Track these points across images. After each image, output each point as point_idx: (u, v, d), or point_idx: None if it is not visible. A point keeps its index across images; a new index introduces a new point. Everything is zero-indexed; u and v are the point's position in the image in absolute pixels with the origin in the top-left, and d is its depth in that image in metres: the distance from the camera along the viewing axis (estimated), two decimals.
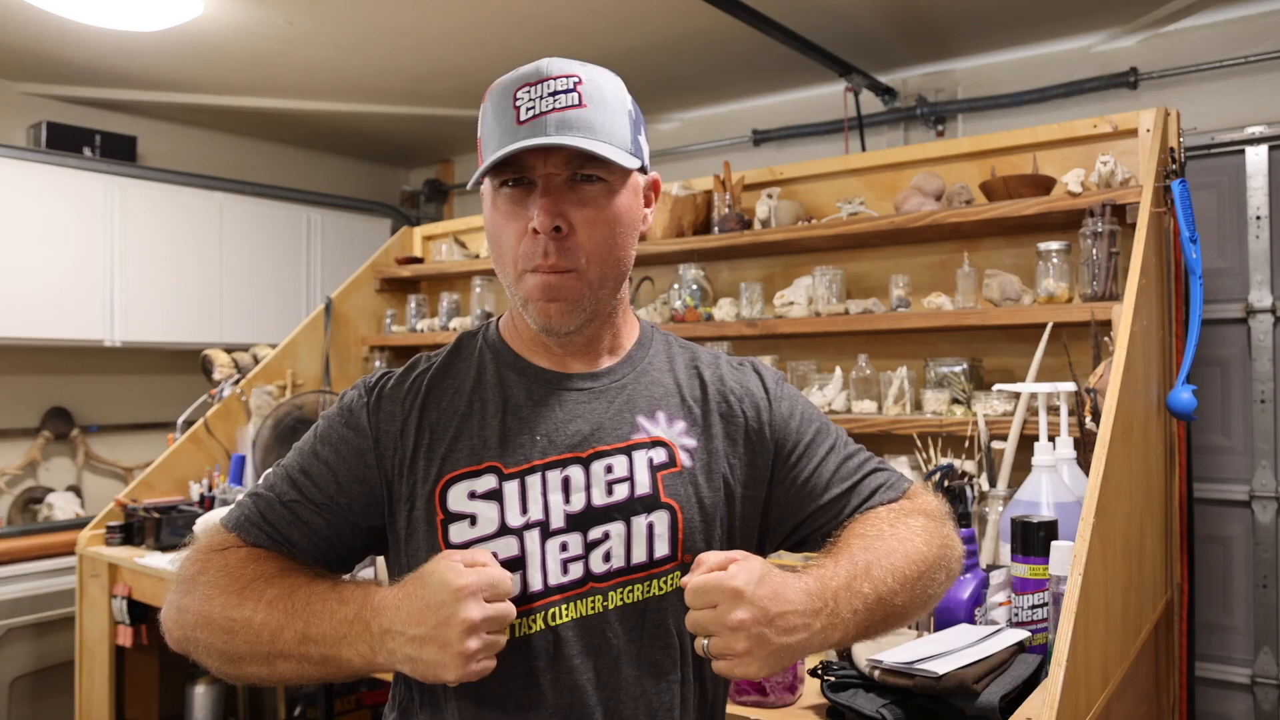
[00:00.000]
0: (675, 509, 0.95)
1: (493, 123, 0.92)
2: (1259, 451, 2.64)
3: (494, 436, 0.95)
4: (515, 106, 0.90)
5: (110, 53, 3.22)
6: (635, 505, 0.94)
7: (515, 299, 0.96)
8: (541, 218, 0.89)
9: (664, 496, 0.95)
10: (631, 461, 0.95)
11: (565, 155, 0.90)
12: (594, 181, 0.91)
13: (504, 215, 0.93)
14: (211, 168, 4.09)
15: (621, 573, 0.93)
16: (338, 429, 0.98)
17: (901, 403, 2.13)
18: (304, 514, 0.96)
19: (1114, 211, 1.86)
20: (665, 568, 0.94)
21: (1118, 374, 1.45)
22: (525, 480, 0.93)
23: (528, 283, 0.92)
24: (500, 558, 0.89)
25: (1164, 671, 1.88)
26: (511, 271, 0.94)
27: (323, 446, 0.98)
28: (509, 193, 0.92)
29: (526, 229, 0.91)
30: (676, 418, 0.99)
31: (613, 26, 3.00)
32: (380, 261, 3.38)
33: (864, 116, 3.42)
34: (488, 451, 0.94)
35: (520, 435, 0.95)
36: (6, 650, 2.94)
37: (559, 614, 0.91)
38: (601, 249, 0.92)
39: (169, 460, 2.79)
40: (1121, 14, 2.89)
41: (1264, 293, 2.64)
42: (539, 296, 0.92)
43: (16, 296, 3.25)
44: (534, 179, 0.91)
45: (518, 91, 0.90)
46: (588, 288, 0.93)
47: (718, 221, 2.45)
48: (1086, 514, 1.26)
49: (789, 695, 1.29)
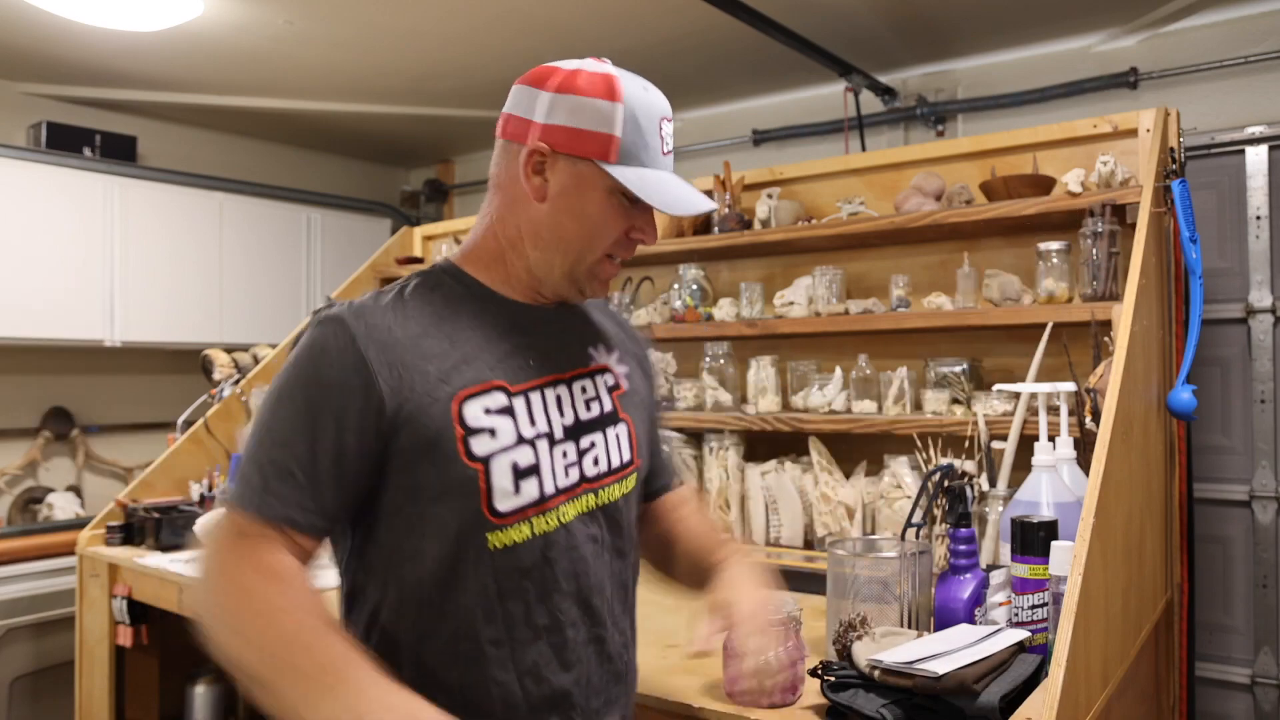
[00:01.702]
0: (629, 423, 1.16)
1: (644, 139, 1.05)
2: (1259, 451, 2.64)
3: (493, 359, 1.06)
4: (661, 137, 1.06)
5: (110, 53, 3.22)
6: (605, 420, 1.13)
7: (574, 271, 1.09)
8: (651, 235, 1.10)
9: (621, 413, 1.16)
10: (595, 384, 1.15)
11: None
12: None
13: (613, 213, 1.07)
14: (211, 168, 4.09)
15: (603, 475, 1.11)
16: (327, 370, 0.99)
17: (901, 403, 2.13)
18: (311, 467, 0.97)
19: (1114, 211, 1.86)
20: (628, 470, 1.15)
21: (1118, 374, 1.45)
22: (529, 397, 1.06)
23: (606, 269, 1.10)
24: (520, 465, 1.03)
25: (1164, 671, 1.88)
26: (593, 255, 1.08)
27: (317, 391, 0.98)
28: (622, 202, 1.06)
29: (629, 230, 1.08)
30: (612, 349, 1.20)
31: (613, 26, 3.00)
32: (380, 261, 3.38)
33: (864, 116, 3.42)
34: (491, 372, 1.04)
35: (515, 359, 1.07)
36: (6, 650, 2.94)
37: (566, 512, 1.06)
38: None
39: (169, 460, 2.79)
40: (1121, 14, 2.89)
41: (1264, 293, 2.64)
42: (609, 279, 1.12)
43: (16, 296, 3.25)
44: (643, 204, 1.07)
45: (663, 123, 1.07)
46: None
47: (718, 221, 2.45)
48: (1086, 514, 1.26)
49: (789, 695, 1.29)
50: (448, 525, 1.00)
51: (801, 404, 2.26)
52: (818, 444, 2.20)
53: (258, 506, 0.96)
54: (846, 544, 1.49)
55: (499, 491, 1.00)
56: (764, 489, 2.21)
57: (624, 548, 1.14)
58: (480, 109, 3.92)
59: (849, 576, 1.42)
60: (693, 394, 2.41)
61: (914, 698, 1.19)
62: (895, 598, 1.39)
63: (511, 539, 1.01)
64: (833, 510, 2.11)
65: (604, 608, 1.09)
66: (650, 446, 1.24)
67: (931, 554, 1.47)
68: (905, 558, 1.41)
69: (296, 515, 0.96)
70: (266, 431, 0.99)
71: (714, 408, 2.37)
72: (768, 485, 2.21)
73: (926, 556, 1.44)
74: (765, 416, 2.25)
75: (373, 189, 4.90)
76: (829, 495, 2.12)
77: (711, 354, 2.41)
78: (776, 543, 2.18)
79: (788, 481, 2.18)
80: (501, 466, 1.01)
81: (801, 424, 2.19)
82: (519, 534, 1.02)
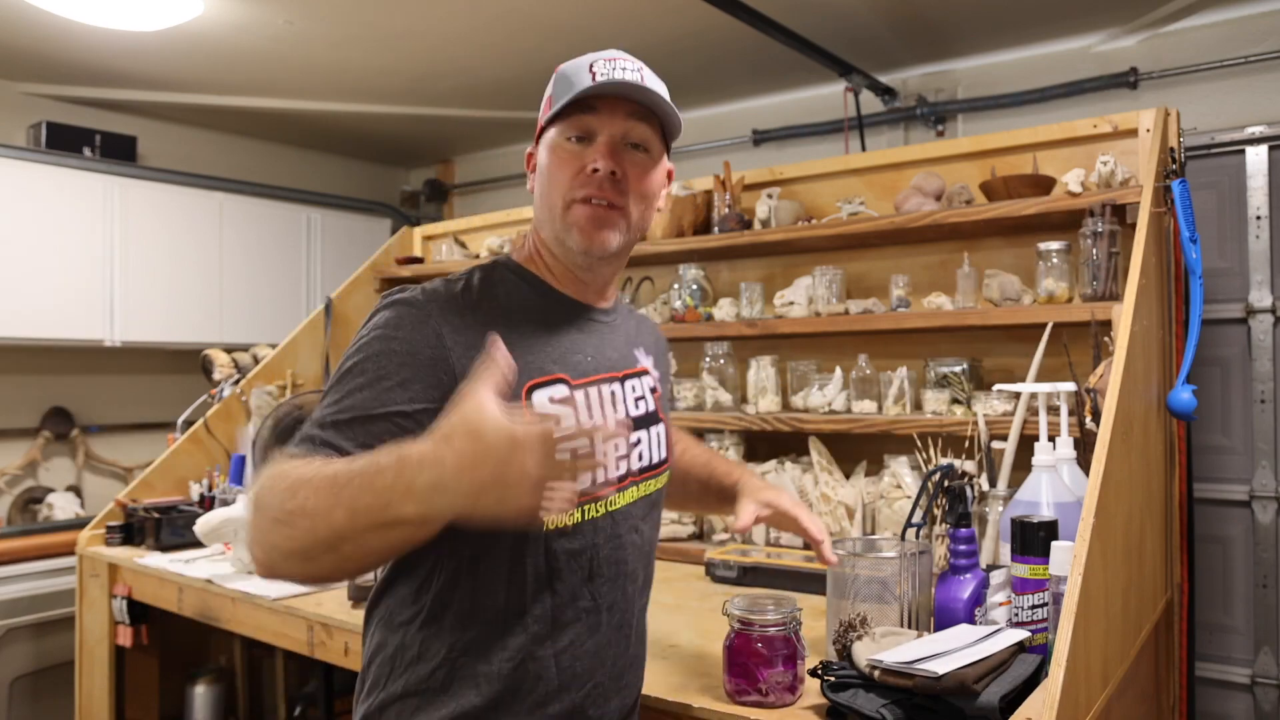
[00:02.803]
0: (664, 423, 1.24)
1: (569, 82, 1.07)
2: (1259, 451, 2.64)
3: (556, 351, 1.09)
4: (592, 72, 1.06)
5: (110, 53, 3.22)
6: (649, 419, 1.20)
7: (557, 228, 1.10)
8: (604, 160, 1.07)
9: (660, 414, 1.23)
10: (641, 384, 1.21)
11: (628, 113, 1.08)
12: (640, 150, 1.11)
13: (564, 157, 1.09)
14: (211, 168, 4.09)
15: (646, 470, 1.18)
16: (400, 341, 0.98)
17: (901, 403, 2.13)
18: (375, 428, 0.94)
19: (1114, 211, 1.86)
20: (663, 468, 1.23)
21: (1118, 374, 1.45)
22: (588, 391, 1.11)
23: (576, 212, 1.08)
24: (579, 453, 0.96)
25: (1164, 671, 1.88)
26: (560, 203, 1.09)
27: (388, 360, 0.97)
28: (572, 145, 1.09)
29: (583, 169, 1.08)
30: (648, 353, 1.26)
31: (613, 26, 3.00)
32: (380, 261, 3.38)
33: (864, 116, 3.42)
34: (553, 365, 1.08)
35: (575, 354, 1.11)
36: (6, 650, 2.94)
37: (615, 500, 1.12)
38: (640, 198, 1.12)
39: (169, 460, 2.79)
40: (1121, 14, 2.89)
41: (1264, 293, 2.64)
42: (587, 223, 1.08)
43: (16, 296, 3.25)
44: (597, 133, 1.08)
45: (594, 64, 1.07)
46: (626, 224, 1.11)
47: (718, 221, 2.45)
48: (1086, 514, 1.26)
49: (789, 695, 1.29)
50: None
51: (801, 404, 2.26)
52: (818, 444, 2.20)
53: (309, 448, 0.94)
54: (846, 544, 1.49)
55: None
56: None
57: (654, 539, 1.23)
58: (480, 109, 3.92)
59: (849, 576, 1.41)
60: (693, 394, 2.41)
61: (914, 698, 1.19)
62: (895, 598, 1.39)
63: (565, 521, 1.06)
64: (833, 510, 2.11)
65: (635, 594, 1.16)
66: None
67: (931, 554, 1.47)
68: (905, 558, 1.41)
69: (347, 446, 0.93)
70: (331, 397, 0.97)
71: (714, 408, 2.37)
72: None
73: (926, 556, 1.44)
74: (765, 416, 2.25)
75: (373, 189, 4.90)
76: (829, 495, 2.12)
77: (711, 354, 2.41)
78: (776, 543, 2.18)
79: (788, 481, 2.18)
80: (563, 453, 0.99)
81: (801, 424, 2.19)
82: (571, 518, 1.06)
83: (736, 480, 1.41)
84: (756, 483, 1.40)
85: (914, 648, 1.25)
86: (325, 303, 3.23)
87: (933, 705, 1.18)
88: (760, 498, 1.35)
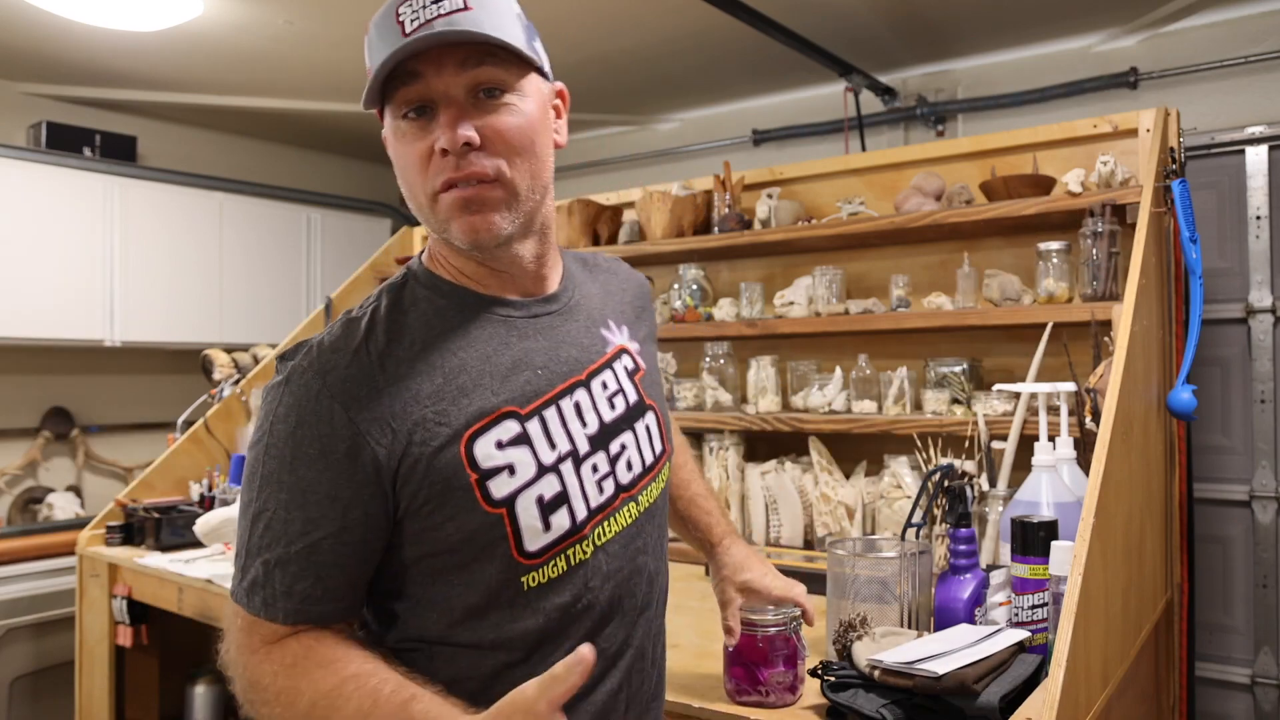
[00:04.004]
0: (654, 408, 1.05)
1: (378, 45, 0.87)
2: (1259, 451, 2.64)
3: (495, 380, 0.91)
4: (399, 22, 0.86)
5: (110, 53, 3.22)
6: (633, 414, 1.01)
7: (435, 227, 0.92)
8: (446, 134, 0.86)
9: (646, 400, 1.03)
10: (615, 374, 1.01)
11: (460, 62, 0.87)
12: (496, 95, 0.89)
13: (407, 144, 0.89)
14: (211, 168, 4.09)
15: (639, 477, 1.00)
16: (308, 444, 0.85)
17: (901, 403, 2.13)
18: (325, 555, 0.86)
19: (1114, 211, 1.86)
20: (661, 464, 1.04)
21: (1118, 374, 1.45)
22: (544, 416, 0.92)
23: (443, 204, 0.89)
24: (547, 498, 0.90)
25: (1164, 671, 1.88)
26: (424, 198, 0.90)
27: (305, 471, 0.85)
28: (410, 123, 0.89)
29: (432, 151, 0.87)
30: (620, 323, 1.06)
31: (613, 26, 3.00)
32: (380, 261, 3.38)
33: (864, 116, 3.42)
34: (495, 398, 0.90)
35: (520, 373, 0.92)
36: (6, 650, 2.94)
37: (603, 532, 0.95)
38: (517, 156, 0.89)
39: (169, 460, 2.79)
40: (1121, 14, 2.89)
41: (1264, 293, 2.64)
42: (459, 213, 0.89)
43: (16, 296, 3.25)
44: (434, 101, 0.88)
45: (399, 8, 0.86)
46: (511, 196, 0.90)
47: (718, 221, 2.45)
48: (1086, 514, 1.26)
49: (789, 695, 1.29)
50: (475, 575, 0.89)
51: (801, 404, 2.26)
52: (818, 444, 2.20)
53: (284, 613, 0.85)
54: (846, 544, 1.49)
55: (528, 531, 0.89)
56: (764, 489, 2.21)
57: (663, 543, 1.07)
58: None
59: (849, 576, 1.41)
60: (693, 394, 2.41)
61: (914, 698, 1.19)
62: (895, 598, 1.39)
63: (547, 575, 0.91)
64: (833, 510, 2.11)
65: (652, 621, 1.03)
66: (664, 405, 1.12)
67: (931, 554, 1.47)
68: (905, 558, 1.41)
69: (328, 610, 0.87)
70: (261, 521, 0.86)
71: (714, 408, 2.37)
72: (768, 485, 2.21)
73: (926, 556, 1.44)
74: (765, 416, 2.25)
75: (373, 189, 4.90)
76: (829, 495, 2.12)
77: (711, 354, 2.41)
78: (776, 543, 2.18)
79: (788, 481, 2.18)
80: (526, 505, 0.89)
81: (801, 424, 2.19)
82: (554, 570, 0.91)
83: (716, 544, 1.28)
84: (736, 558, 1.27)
85: (914, 648, 1.25)
86: (325, 303, 3.22)
87: (933, 705, 1.18)
88: (739, 581, 1.26)
